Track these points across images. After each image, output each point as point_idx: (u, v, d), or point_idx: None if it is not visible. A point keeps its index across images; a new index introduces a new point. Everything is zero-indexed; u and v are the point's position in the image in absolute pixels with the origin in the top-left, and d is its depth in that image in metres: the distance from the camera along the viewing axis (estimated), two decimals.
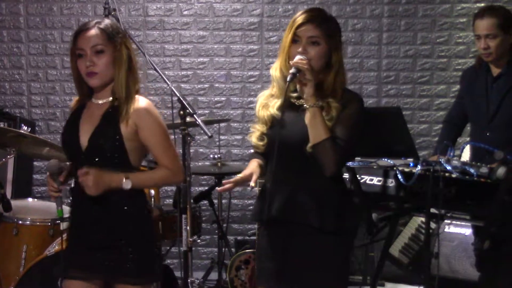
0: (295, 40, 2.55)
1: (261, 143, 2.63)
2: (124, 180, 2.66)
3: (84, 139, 2.70)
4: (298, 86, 2.49)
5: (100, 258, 2.70)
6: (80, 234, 2.75)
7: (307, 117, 2.48)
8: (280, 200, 2.58)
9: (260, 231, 2.78)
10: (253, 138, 2.66)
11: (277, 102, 2.63)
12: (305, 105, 2.49)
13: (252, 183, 2.53)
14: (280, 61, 2.61)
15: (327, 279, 2.62)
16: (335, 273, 2.64)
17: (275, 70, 2.63)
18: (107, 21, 2.75)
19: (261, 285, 2.73)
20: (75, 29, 2.76)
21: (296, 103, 2.61)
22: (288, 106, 2.60)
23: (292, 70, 2.44)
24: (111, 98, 2.73)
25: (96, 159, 2.68)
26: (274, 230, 2.62)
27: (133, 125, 2.70)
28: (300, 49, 2.52)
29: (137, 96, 2.75)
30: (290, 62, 2.50)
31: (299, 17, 2.55)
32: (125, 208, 2.73)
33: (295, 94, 2.62)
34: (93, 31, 2.68)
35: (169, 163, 2.76)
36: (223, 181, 2.58)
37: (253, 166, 2.63)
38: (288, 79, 2.43)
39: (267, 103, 2.66)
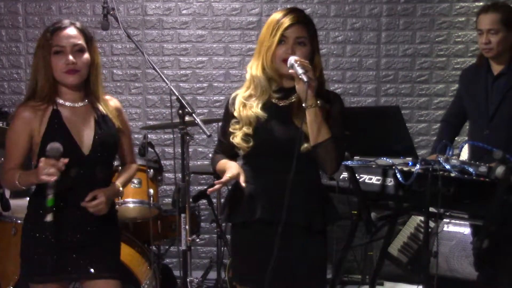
0: (280, 40, 2.54)
1: (245, 144, 2.59)
2: (120, 189, 2.81)
3: (85, 143, 2.69)
4: (297, 86, 2.47)
5: (77, 258, 2.72)
6: (57, 235, 2.68)
7: (308, 118, 2.46)
8: (265, 201, 2.57)
9: (236, 231, 2.74)
10: (237, 140, 2.60)
11: (259, 103, 2.61)
12: (304, 105, 2.47)
13: (242, 183, 2.52)
14: (262, 61, 2.58)
15: (313, 277, 2.63)
16: (320, 271, 2.67)
17: (256, 70, 2.61)
18: (80, 23, 2.74)
19: (243, 285, 2.73)
20: (49, 27, 2.72)
21: (279, 104, 2.61)
22: (270, 106, 2.61)
23: (301, 70, 2.41)
24: (86, 100, 2.74)
25: (99, 162, 2.71)
26: (258, 230, 2.60)
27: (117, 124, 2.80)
28: (289, 50, 2.51)
29: (106, 96, 2.83)
30: (291, 62, 2.46)
31: (286, 18, 2.54)
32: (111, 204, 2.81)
33: (277, 95, 2.62)
34: (73, 30, 2.67)
35: (133, 159, 2.99)
36: (214, 182, 2.56)
37: (237, 166, 2.60)
38: (305, 79, 2.39)
39: (247, 103, 2.63)
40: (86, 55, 2.67)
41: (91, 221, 2.72)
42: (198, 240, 4.92)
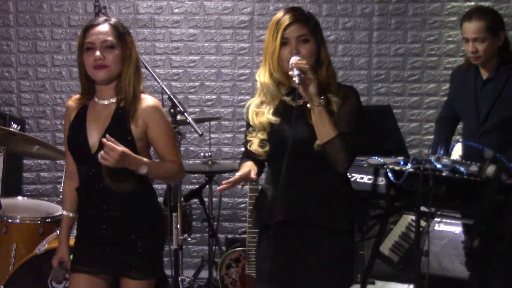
0: (283, 42, 2.53)
1: (262, 150, 2.59)
2: (145, 166, 2.63)
3: (93, 141, 2.68)
4: (299, 87, 2.43)
5: (109, 253, 2.71)
6: (89, 231, 2.75)
7: (313, 117, 2.46)
8: (286, 203, 2.56)
9: (262, 235, 2.73)
10: (254, 147, 2.60)
11: (271, 108, 2.61)
12: (309, 105, 2.46)
13: (253, 176, 2.52)
14: (269, 67, 2.58)
15: (337, 278, 2.61)
16: (345, 271, 2.65)
17: (263, 77, 2.60)
18: (115, 20, 2.76)
19: (263, 287, 2.71)
20: (85, 25, 2.75)
21: (292, 105, 2.58)
22: (283, 109, 2.60)
23: (295, 72, 2.40)
24: (115, 99, 2.72)
25: None
26: (280, 233, 2.58)
27: (143, 124, 2.70)
28: (293, 50, 2.50)
29: (143, 95, 2.75)
30: (290, 65, 2.45)
31: (284, 18, 2.53)
32: (136, 203, 2.75)
33: (289, 97, 2.61)
34: (105, 27, 2.69)
35: (175, 160, 2.79)
36: (223, 182, 2.53)
37: (250, 164, 2.62)
38: (297, 81, 2.38)
39: (259, 111, 2.63)
40: (116, 52, 2.67)
41: (120, 216, 2.71)
42: (189, 239, 4.91)
